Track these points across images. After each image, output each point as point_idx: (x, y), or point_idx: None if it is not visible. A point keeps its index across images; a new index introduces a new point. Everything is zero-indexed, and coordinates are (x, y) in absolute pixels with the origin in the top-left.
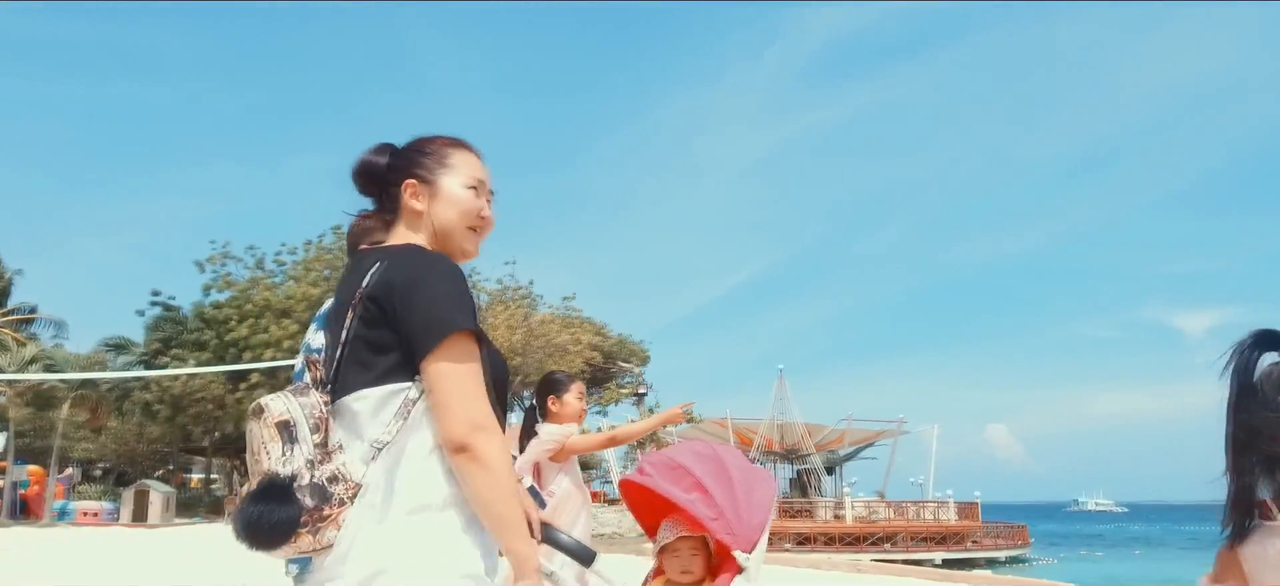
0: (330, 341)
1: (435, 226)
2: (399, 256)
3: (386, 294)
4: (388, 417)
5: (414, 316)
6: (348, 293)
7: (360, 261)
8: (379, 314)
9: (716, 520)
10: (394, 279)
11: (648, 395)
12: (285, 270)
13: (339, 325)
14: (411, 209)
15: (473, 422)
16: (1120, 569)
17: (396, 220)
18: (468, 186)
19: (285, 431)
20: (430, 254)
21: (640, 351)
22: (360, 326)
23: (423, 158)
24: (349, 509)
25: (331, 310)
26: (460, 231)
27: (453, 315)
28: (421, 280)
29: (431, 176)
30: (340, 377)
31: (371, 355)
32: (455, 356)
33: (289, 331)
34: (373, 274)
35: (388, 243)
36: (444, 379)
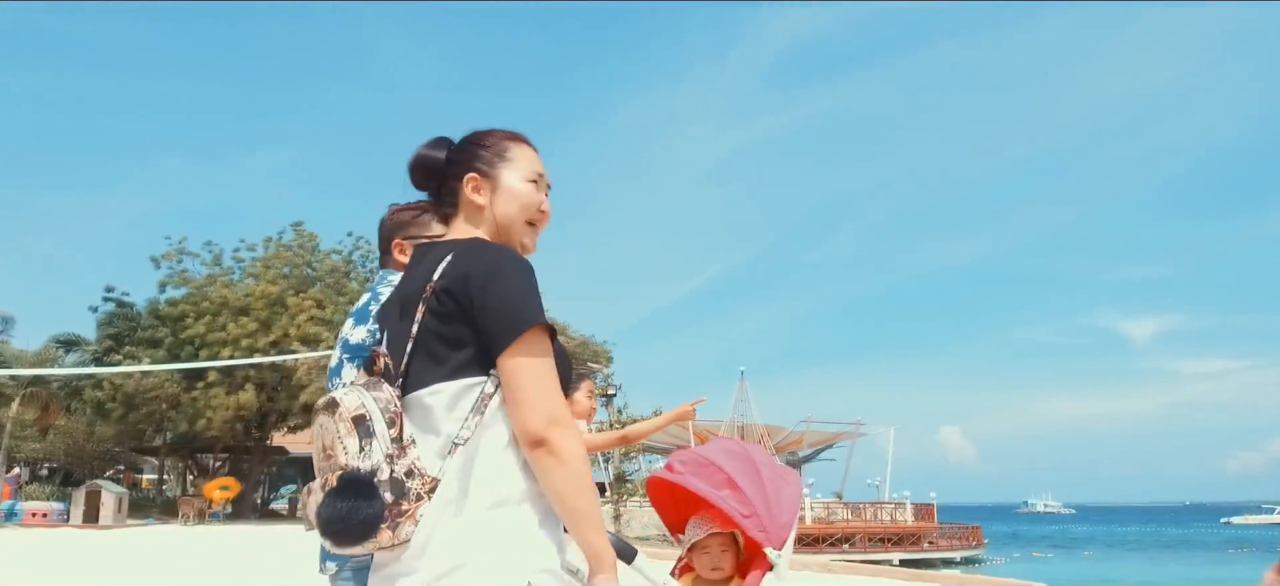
0: (396, 335)
1: (496, 220)
2: (471, 249)
3: (462, 287)
4: (463, 412)
5: (491, 310)
6: (415, 285)
7: (425, 254)
8: (454, 307)
9: (750, 517)
10: (470, 271)
11: (617, 395)
12: (244, 267)
13: (406, 318)
14: (472, 203)
15: (550, 416)
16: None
17: (455, 214)
18: (528, 180)
19: (361, 426)
20: (501, 248)
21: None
22: (432, 320)
23: (483, 151)
24: (425, 504)
25: (394, 303)
26: (520, 226)
27: (530, 309)
28: (497, 273)
29: (492, 170)
30: (411, 371)
31: (444, 349)
32: (532, 351)
33: (247, 329)
34: (444, 267)
35: (448, 237)
36: (521, 373)
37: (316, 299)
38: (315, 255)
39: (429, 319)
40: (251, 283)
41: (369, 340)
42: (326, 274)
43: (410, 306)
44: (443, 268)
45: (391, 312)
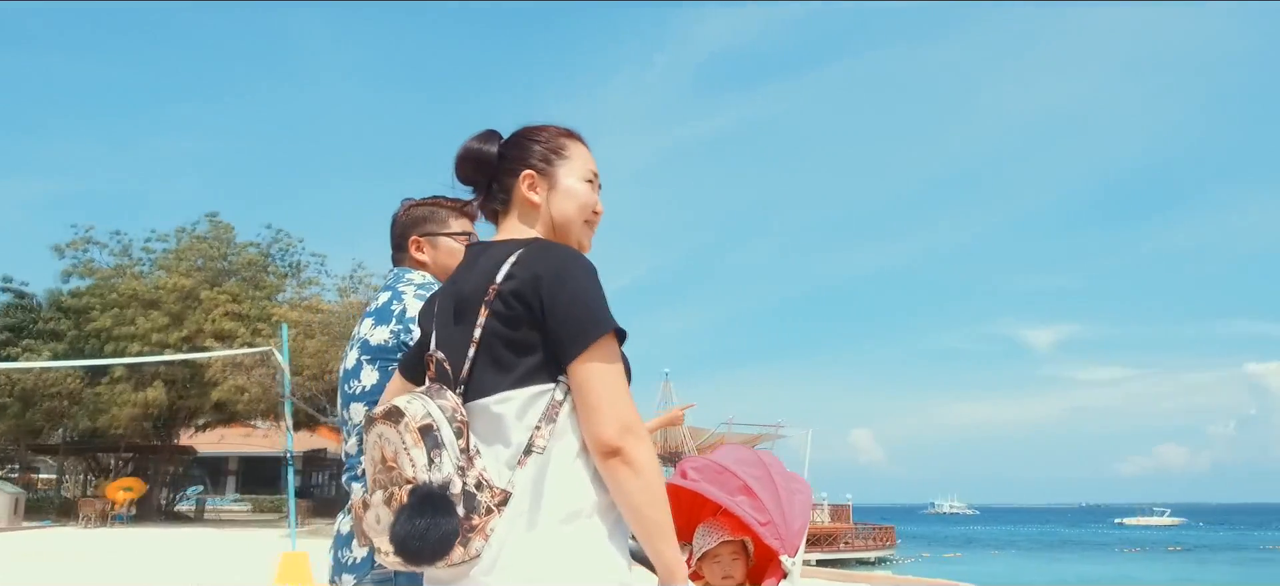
0: (451, 338)
1: (554, 220)
2: (538, 251)
3: (532, 290)
4: (533, 421)
5: (562, 315)
6: (473, 286)
7: (481, 254)
8: (522, 311)
9: (766, 525)
10: (540, 274)
11: None
12: (154, 259)
13: (464, 321)
14: (528, 201)
15: (624, 425)
16: (983, 569)
17: (507, 211)
18: (585, 180)
19: (428, 436)
20: (569, 249)
21: None
22: (497, 323)
23: (539, 147)
24: (495, 517)
25: (444, 304)
26: (578, 226)
27: (603, 314)
28: (568, 276)
29: (550, 168)
30: (474, 377)
31: (511, 354)
32: (605, 357)
33: (158, 324)
34: (510, 268)
35: (501, 235)
36: (595, 380)
37: (232, 293)
38: (231, 247)
39: (494, 322)
40: (162, 275)
41: (393, 342)
42: (243, 267)
43: (469, 309)
44: (507, 269)
45: (441, 314)
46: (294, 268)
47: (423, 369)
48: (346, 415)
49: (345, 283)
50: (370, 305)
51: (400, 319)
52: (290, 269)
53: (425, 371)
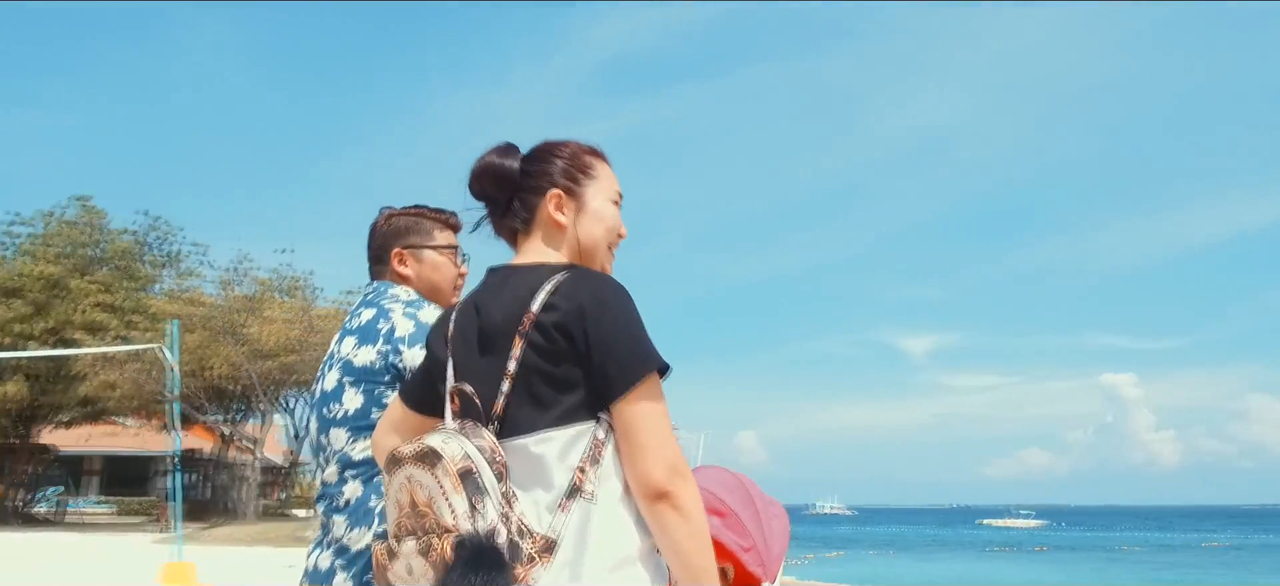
0: (477, 370)
1: (580, 242)
2: (579, 280)
3: (576, 322)
4: (575, 461)
5: (609, 350)
6: (503, 315)
7: (508, 279)
8: (565, 345)
9: (749, 551)
10: (584, 305)
11: None
12: (18, 244)
13: (493, 352)
14: (554, 221)
15: (672, 467)
16: (862, 569)
17: (528, 231)
18: (612, 201)
19: (469, 481)
20: (610, 279)
21: None
22: (535, 357)
23: (566, 165)
24: (538, 567)
25: (468, 331)
26: (603, 250)
27: (651, 350)
28: (613, 308)
29: (578, 188)
30: (509, 414)
31: (550, 390)
32: (653, 394)
33: (20, 313)
34: (547, 297)
35: (523, 257)
36: (643, 419)
37: (104, 282)
38: (103, 234)
39: (531, 355)
40: (26, 262)
41: (381, 364)
42: (116, 255)
43: (499, 338)
44: (544, 297)
45: (460, 341)
46: (172, 257)
47: (430, 397)
48: (325, 440)
49: (228, 274)
50: (349, 321)
51: (388, 338)
52: (168, 259)
53: (430, 399)
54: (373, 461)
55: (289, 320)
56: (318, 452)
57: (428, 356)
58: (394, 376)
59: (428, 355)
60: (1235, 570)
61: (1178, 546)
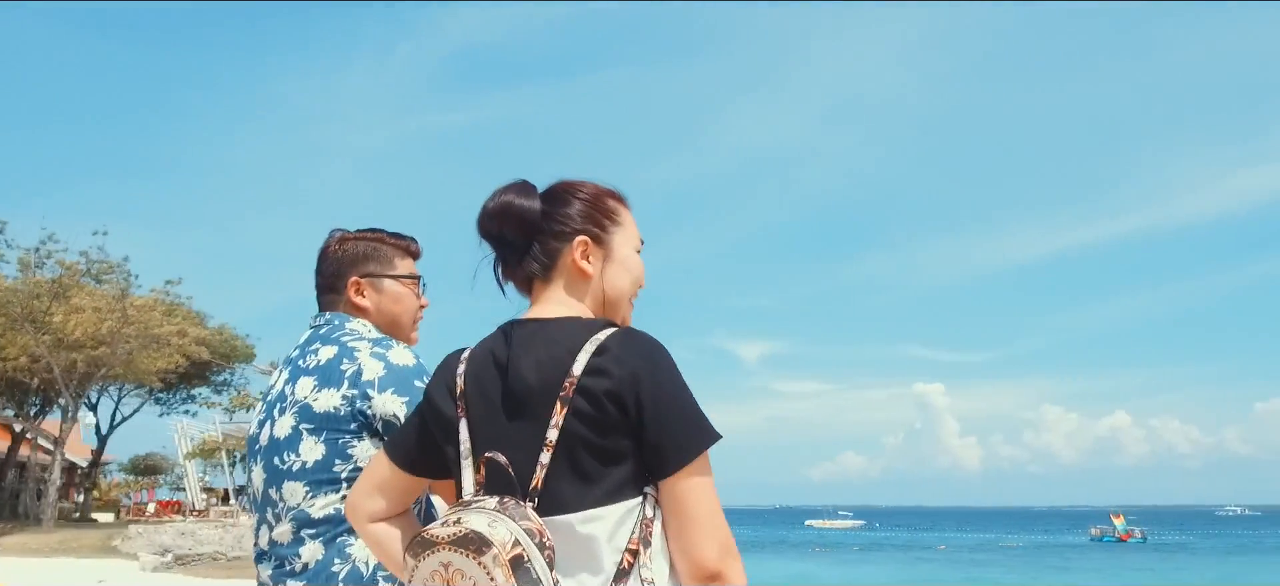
0: (506, 436)
1: (605, 294)
2: (625, 342)
3: (629, 391)
4: (623, 542)
5: (666, 422)
6: (542, 376)
7: (538, 333)
8: (616, 415)
9: None
10: (639, 373)
11: None
12: None
13: (527, 418)
14: (578, 269)
15: (724, 546)
16: None
17: (548, 280)
18: (636, 250)
19: (521, 571)
20: (655, 341)
21: (244, 348)
22: (581, 426)
23: (592, 211)
24: None
25: (488, 391)
26: (627, 303)
27: (706, 422)
28: (667, 376)
29: (605, 235)
30: (549, 489)
31: (597, 464)
32: (705, 469)
33: None
34: (592, 360)
35: (544, 308)
36: (696, 495)
37: None
38: None
39: (576, 424)
40: None
41: (346, 410)
42: None
43: (534, 402)
44: (587, 360)
45: (478, 400)
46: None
47: (428, 458)
48: (276, 495)
49: (30, 255)
50: (301, 360)
51: (355, 382)
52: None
53: (428, 461)
54: (336, 520)
55: (101, 310)
56: (263, 507)
57: (428, 411)
58: (361, 425)
59: (428, 409)
60: (1033, 569)
61: (983, 547)
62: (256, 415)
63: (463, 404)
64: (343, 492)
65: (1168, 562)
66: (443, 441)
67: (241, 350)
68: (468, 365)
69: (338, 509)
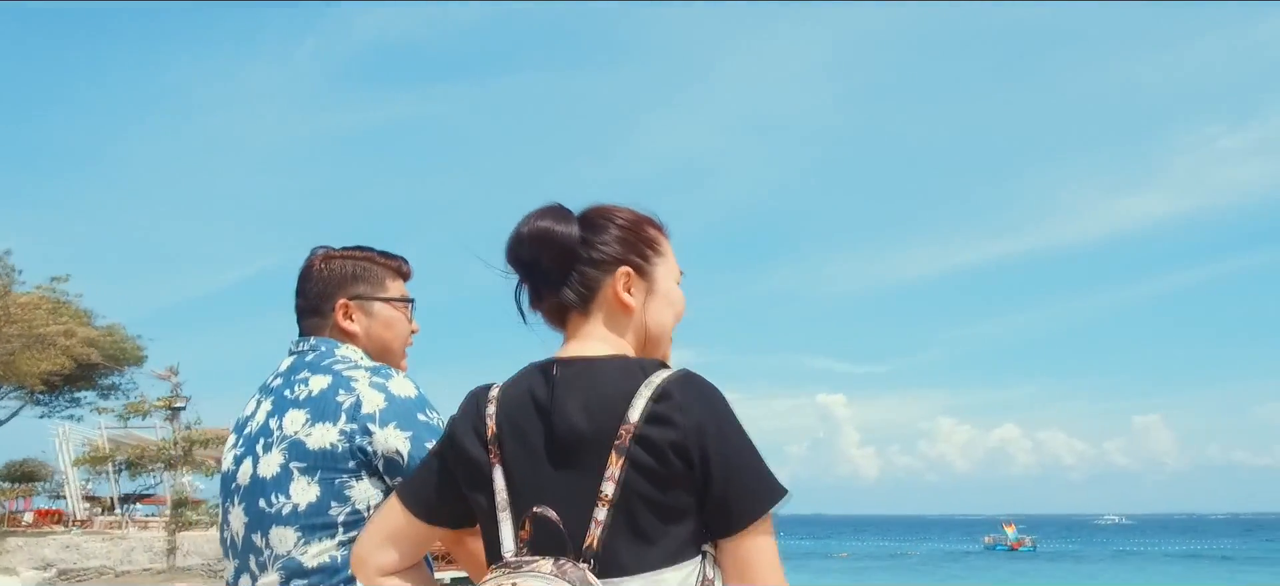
0: (552, 487)
1: (648, 329)
2: (686, 387)
3: (696, 444)
4: None
5: (734, 479)
6: (593, 424)
7: (584, 374)
8: (681, 469)
9: None
10: (705, 424)
11: (185, 409)
12: None
13: (575, 468)
14: (622, 303)
15: None
16: None
17: (587, 312)
18: (678, 283)
19: None
20: (714, 388)
21: (134, 349)
22: (641, 481)
23: (634, 240)
24: None
25: (529, 432)
26: (669, 339)
27: (773, 477)
28: (732, 428)
29: (648, 266)
30: (607, 548)
31: (658, 521)
32: (769, 527)
33: None
34: (652, 407)
35: (583, 344)
36: (760, 555)
37: None
38: None
39: (635, 478)
40: None
41: (344, 447)
42: None
43: (584, 451)
44: (646, 406)
45: (518, 445)
46: None
47: (450, 506)
48: (262, 541)
49: None
50: (288, 390)
51: (353, 415)
52: None
53: (450, 509)
54: (332, 570)
55: None
56: (245, 554)
57: (451, 454)
58: (360, 463)
59: (452, 453)
60: (936, 578)
61: (883, 555)
62: (230, 449)
63: (496, 448)
64: (339, 539)
65: (1061, 570)
66: (469, 489)
67: (131, 352)
68: (500, 405)
69: (334, 557)
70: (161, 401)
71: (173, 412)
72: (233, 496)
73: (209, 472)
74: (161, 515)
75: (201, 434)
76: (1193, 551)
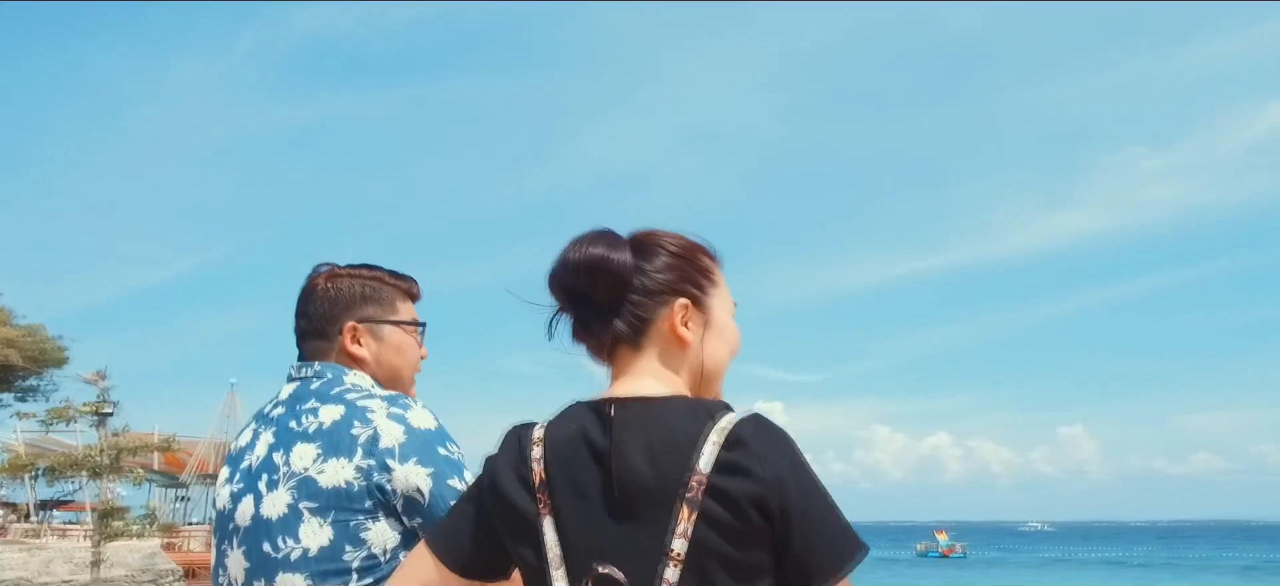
0: (622, 544)
1: (704, 366)
2: (760, 434)
3: (777, 498)
4: None
5: (816, 536)
6: (658, 472)
7: (643, 417)
8: (760, 524)
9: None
10: (785, 477)
11: (114, 415)
12: None
13: (639, 520)
14: (678, 338)
15: None
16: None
17: (639, 346)
18: (733, 316)
19: None
20: (786, 434)
21: (56, 351)
22: (715, 536)
23: (688, 269)
24: None
25: (583, 478)
26: (723, 376)
27: (854, 534)
28: (811, 480)
29: (705, 298)
30: None
31: (730, 579)
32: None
33: None
34: (723, 455)
35: (636, 382)
36: None
37: None
38: None
39: (708, 533)
40: None
41: (361, 485)
42: None
43: (648, 502)
44: (716, 453)
45: (570, 492)
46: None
47: (490, 557)
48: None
49: None
50: (293, 421)
51: (370, 450)
52: None
53: (490, 560)
54: None
55: None
56: None
57: (491, 501)
58: (377, 503)
59: (492, 499)
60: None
61: None
62: (225, 483)
63: (545, 497)
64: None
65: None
66: (514, 542)
67: (52, 354)
68: (548, 448)
69: None
70: (88, 406)
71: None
72: (231, 538)
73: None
74: (82, 523)
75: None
76: (1113, 558)
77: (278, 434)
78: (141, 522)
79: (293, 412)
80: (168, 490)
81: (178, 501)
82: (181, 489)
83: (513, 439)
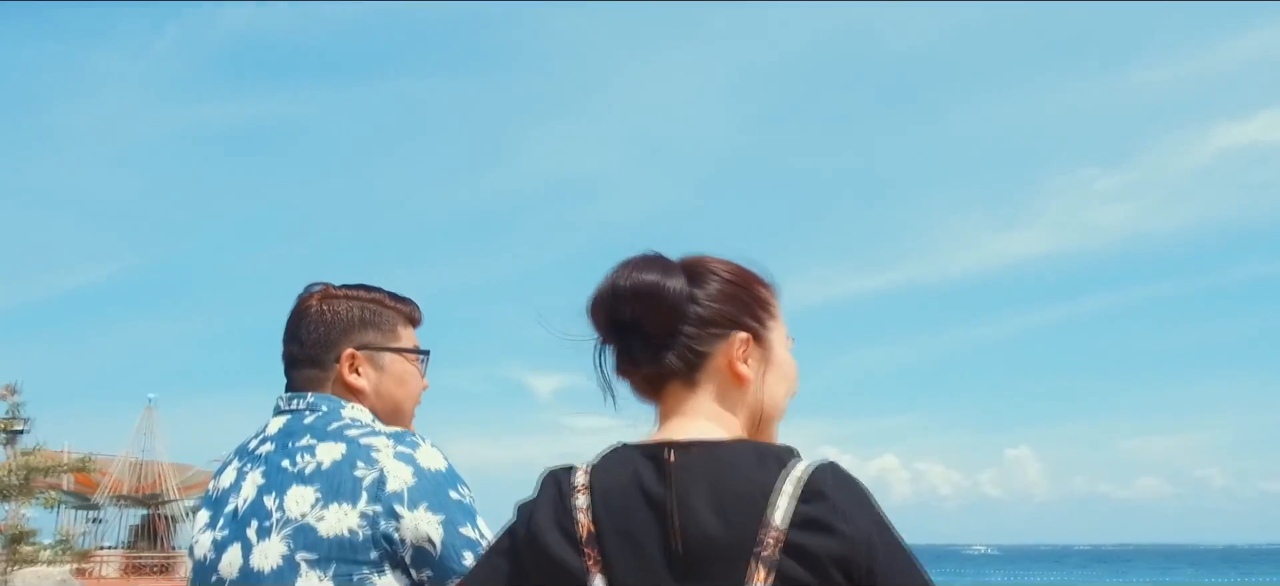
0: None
1: (764, 405)
2: (844, 489)
3: (863, 555)
4: None
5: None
6: (726, 524)
7: (701, 461)
8: (842, 584)
9: None
10: (871, 534)
11: (26, 430)
12: None
13: (702, 577)
14: (736, 374)
15: None
16: None
17: (693, 383)
18: (791, 350)
19: None
20: (862, 485)
21: None
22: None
23: (746, 299)
24: None
25: (639, 527)
26: (781, 418)
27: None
28: (893, 535)
29: (764, 332)
30: None
31: None
32: None
33: None
34: (798, 508)
35: (692, 423)
36: None
37: None
38: None
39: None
40: None
41: (366, 534)
42: None
43: (718, 561)
44: (792, 507)
45: (629, 552)
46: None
47: None
48: None
49: None
50: (287, 461)
51: (377, 495)
52: None
53: None
54: None
55: None
56: None
57: (530, 556)
58: (383, 554)
59: (531, 554)
60: None
61: None
62: (205, 529)
63: (594, 552)
64: None
65: None
66: None
67: None
68: (596, 497)
69: None
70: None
71: (10, 436)
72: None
73: (49, 504)
74: None
75: (42, 460)
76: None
77: (268, 474)
78: (54, 549)
79: (285, 450)
80: (79, 513)
81: (89, 523)
82: (94, 511)
83: (551, 485)
